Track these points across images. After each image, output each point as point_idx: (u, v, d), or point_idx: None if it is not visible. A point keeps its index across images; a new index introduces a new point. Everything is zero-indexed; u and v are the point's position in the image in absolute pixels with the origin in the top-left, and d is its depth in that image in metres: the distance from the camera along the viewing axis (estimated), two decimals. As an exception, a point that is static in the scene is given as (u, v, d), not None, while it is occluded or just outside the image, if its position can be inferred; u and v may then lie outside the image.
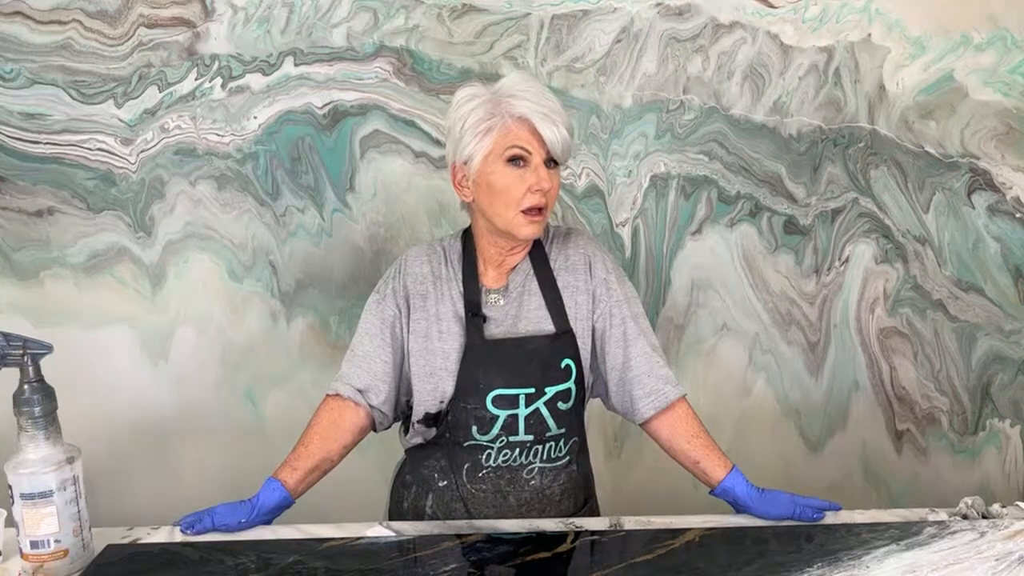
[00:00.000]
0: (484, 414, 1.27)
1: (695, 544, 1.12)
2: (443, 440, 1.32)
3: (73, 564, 1.06)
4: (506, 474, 1.30)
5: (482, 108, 1.24)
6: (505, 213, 1.25)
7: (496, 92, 1.25)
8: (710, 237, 1.92)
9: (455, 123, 1.27)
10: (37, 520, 1.03)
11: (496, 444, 1.29)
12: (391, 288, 1.36)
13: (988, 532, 1.13)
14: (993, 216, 1.92)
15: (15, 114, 1.75)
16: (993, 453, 2.01)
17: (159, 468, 1.91)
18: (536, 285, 1.33)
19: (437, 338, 1.30)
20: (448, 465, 1.32)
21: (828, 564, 1.05)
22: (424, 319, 1.32)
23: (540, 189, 1.23)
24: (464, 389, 1.28)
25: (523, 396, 1.27)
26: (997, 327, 1.96)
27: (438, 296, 1.32)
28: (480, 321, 1.29)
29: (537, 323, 1.31)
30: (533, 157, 1.23)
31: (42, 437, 1.04)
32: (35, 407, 1.04)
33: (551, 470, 1.32)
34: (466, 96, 1.26)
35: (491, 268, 1.34)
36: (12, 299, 1.81)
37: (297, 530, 1.19)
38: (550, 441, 1.30)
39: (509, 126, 1.23)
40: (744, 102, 1.87)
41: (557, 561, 1.09)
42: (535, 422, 1.28)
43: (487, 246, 1.33)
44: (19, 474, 1.03)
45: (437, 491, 1.33)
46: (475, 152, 1.24)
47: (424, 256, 1.36)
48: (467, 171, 1.27)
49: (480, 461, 1.30)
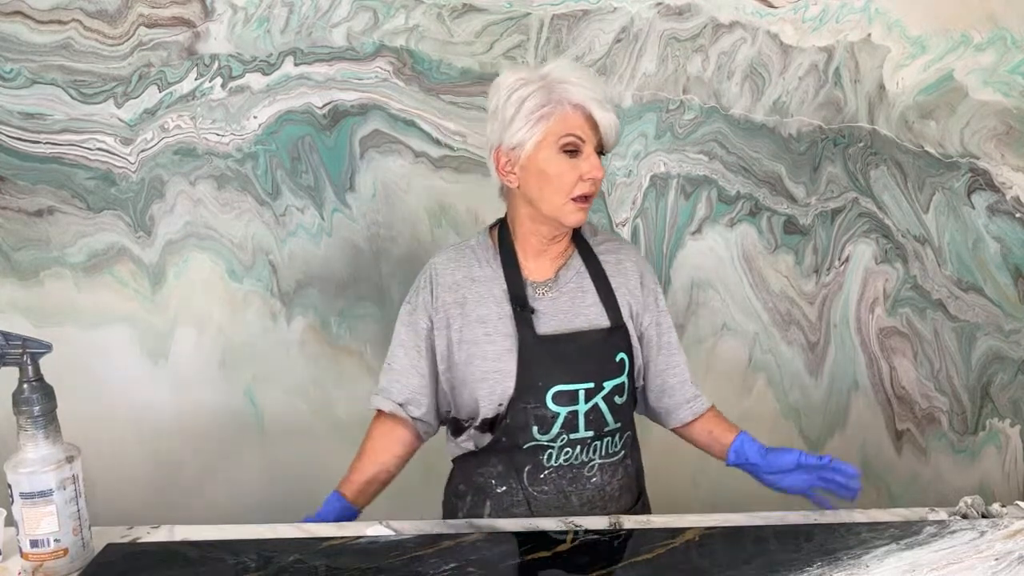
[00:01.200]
0: (544, 412, 1.26)
1: (695, 544, 1.12)
2: (499, 445, 1.29)
3: (73, 563, 1.06)
4: (568, 473, 1.29)
5: (538, 94, 1.21)
6: (555, 200, 1.24)
7: (547, 77, 1.23)
8: (710, 237, 1.92)
9: (505, 107, 1.23)
10: (37, 519, 1.03)
11: (557, 443, 1.28)
12: (422, 300, 1.33)
13: (988, 532, 1.13)
14: (993, 216, 1.92)
15: (15, 114, 1.75)
16: (993, 453, 2.01)
17: (159, 467, 1.91)
18: (589, 281, 1.32)
19: (486, 341, 1.28)
20: (506, 470, 1.30)
21: (828, 564, 1.05)
22: (467, 326, 1.29)
23: (592, 178, 1.22)
24: (523, 388, 1.26)
25: (583, 392, 1.26)
26: (997, 327, 1.96)
27: (478, 299, 1.30)
28: (529, 315, 1.27)
29: (593, 318, 1.30)
30: (586, 145, 1.23)
31: (41, 436, 1.04)
32: (34, 406, 1.04)
33: (609, 466, 1.32)
34: (517, 80, 1.23)
35: (532, 259, 1.32)
36: (12, 299, 1.81)
37: (297, 529, 1.19)
38: (607, 436, 1.30)
39: (567, 113, 1.21)
40: (744, 102, 1.87)
41: (557, 561, 1.09)
42: (594, 417, 1.28)
43: (528, 235, 1.31)
44: (19, 473, 1.03)
45: (495, 497, 1.31)
46: (527, 138, 1.22)
47: (453, 263, 1.33)
48: (514, 156, 1.24)
49: (541, 462, 1.28)
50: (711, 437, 1.39)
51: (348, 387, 1.90)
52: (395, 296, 1.88)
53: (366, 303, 1.88)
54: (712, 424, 1.40)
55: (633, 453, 1.39)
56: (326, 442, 1.92)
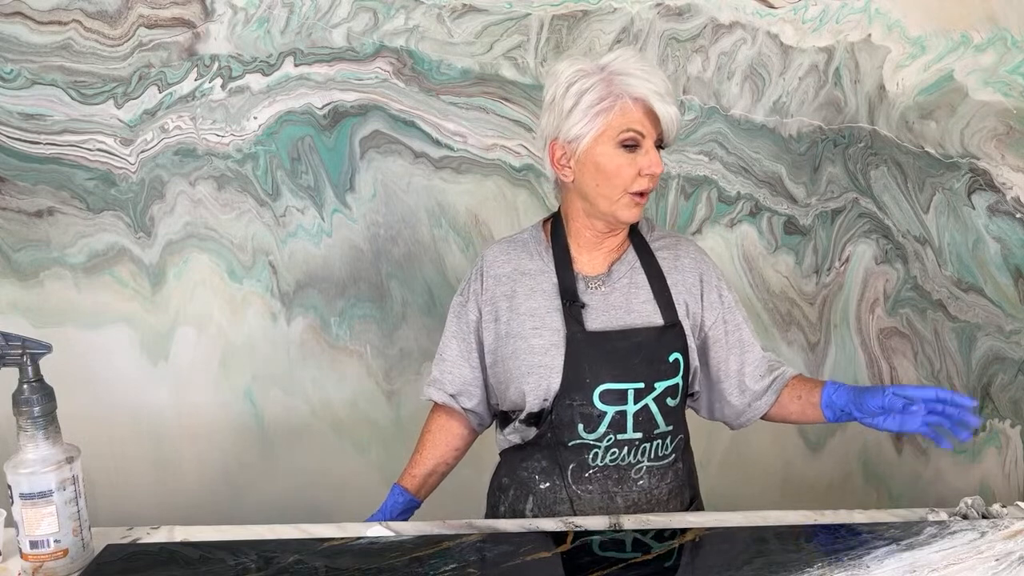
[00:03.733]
0: (591, 411, 1.22)
1: (695, 544, 1.12)
2: (544, 440, 1.27)
3: (73, 564, 1.06)
4: (614, 474, 1.25)
5: (599, 87, 1.18)
6: (612, 195, 1.21)
7: (607, 69, 1.19)
8: (710, 237, 1.92)
9: (564, 99, 1.20)
10: (37, 520, 1.03)
11: (604, 443, 1.24)
12: (472, 291, 1.32)
13: (988, 532, 1.13)
14: (993, 216, 1.92)
15: (15, 114, 1.75)
16: (993, 453, 2.01)
17: (159, 468, 1.91)
18: (643, 277, 1.28)
19: (533, 335, 1.25)
20: (550, 466, 1.27)
21: (828, 564, 1.05)
22: (515, 319, 1.27)
23: (651, 173, 1.19)
24: (570, 384, 1.22)
25: (632, 392, 1.22)
26: (997, 327, 1.96)
27: (528, 292, 1.27)
28: (579, 310, 1.24)
29: (646, 316, 1.25)
30: (646, 140, 1.19)
31: (41, 437, 1.04)
32: (34, 407, 1.04)
33: (659, 469, 1.28)
34: (576, 72, 1.20)
35: (585, 253, 1.29)
36: (12, 299, 1.81)
37: (297, 530, 1.19)
38: (657, 439, 1.26)
39: (628, 107, 1.18)
40: (744, 102, 1.87)
41: (557, 561, 1.09)
42: (644, 419, 1.24)
43: (582, 229, 1.28)
44: (18, 474, 1.03)
45: (539, 493, 1.28)
46: (585, 132, 1.19)
47: (504, 255, 1.31)
48: (571, 149, 1.21)
49: (586, 461, 1.25)
50: (802, 403, 1.29)
51: (348, 387, 1.90)
52: (395, 296, 1.88)
53: (366, 303, 1.88)
54: (799, 388, 1.30)
55: (685, 456, 1.34)
56: (326, 442, 1.92)
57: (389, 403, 1.91)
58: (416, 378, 1.91)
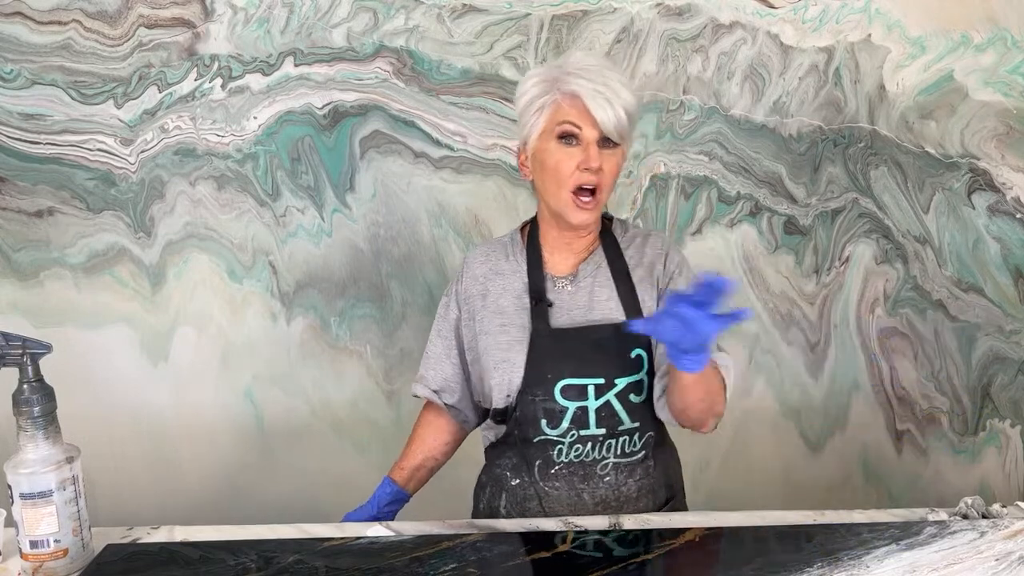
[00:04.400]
0: (553, 406, 1.25)
1: (695, 544, 1.12)
2: (513, 437, 1.30)
3: (73, 564, 1.06)
4: (579, 470, 1.27)
5: (539, 86, 1.23)
6: (557, 193, 1.23)
7: (558, 69, 1.24)
8: (710, 237, 1.92)
9: (517, 103, 1.27)
10: (36, 520, 1.03)
11: (567, 439, 1.26)
12: (455, 290, 1.37)
13: (988, 532, 1.13)
14: (993, 216, 1.92)
15: (15, 114, 1.75)
16: (993, 453, 2.01)
17: (159, 468, 1.91)
18: (608, 276, 1.30)
19: (500, 332, 1.29)
20: (519, 463, 1.30)
21: (828, 564, 1.05)
22: (487, 316, 1.31)
23: (589, 167, 1.20)
24: (531, 379, 1.25)
25: (592, 387, 1.25)
26: (997, 327, 1.96)
27: (499, 292, 1.32)
28: (545, 308, 1.27)
29: (607, 313, 1.28)
30: (584, 134, 1.21)
31: (41, 437, 1.04)
32: (34, 407, 1.04)
33: (626, 465, 1.28)
34: (530, 76, 1.26)
35: (557, 253, 1.32)
36: (12, 299, 1.81)
37: (297, 529, 1.19)
38: (623, 435, 1.27)
39: (560, 102, 1.21)
40: (744, 102, 1.87)
41: (557, 561, 1.09)
42: (607, 415, 1.25)
43: (549, 229, 1.32)
44: (18, 474, 1.03)
45: (510, 490, 1.31)
46: (532, 130, 1.24)
47: (483, 256, 1.36)
48: (527, 150, 1.27)
49: (551, 457, 1.27)
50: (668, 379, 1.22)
51: (348, 387, 1.90)
52: (395, 296, 1.88)
53: (366, 303, 1.88)
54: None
55: (658, 454, 1.33)
56: (326, 442, 1.92)
57: (389, 403, 1.91)
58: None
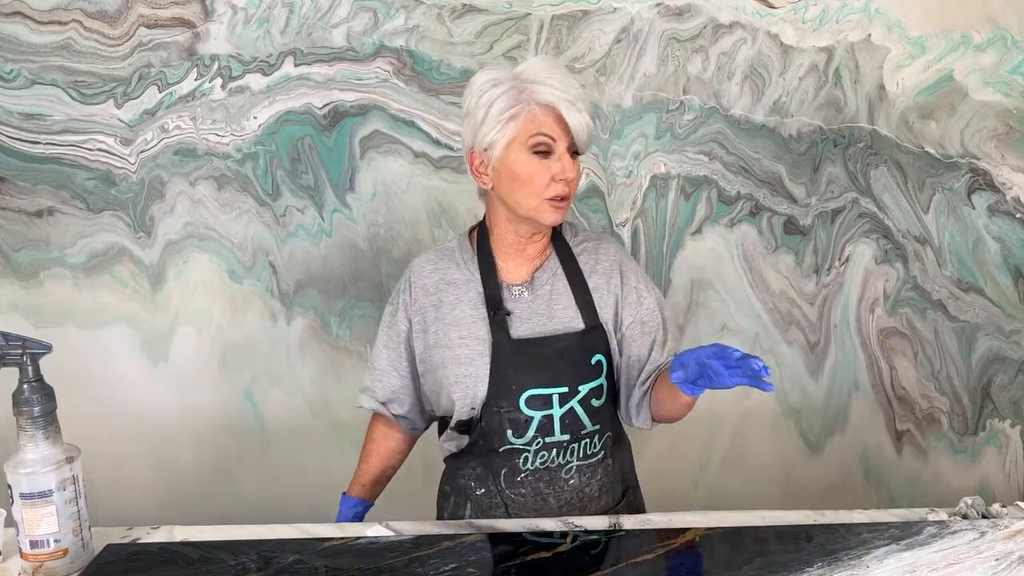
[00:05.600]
0: (518, 416, 1.25)
1: (695, 544, 1.12)
2: (477, 447, 1.29)
3: (73, 564, 1.06)
4: (544, 476, 1.28)
5: (507, 95, 1.20)
6: (528, 202, 1.22)
7: (519, 77, 1.21)
8: (710, 237, 1.92)
9: (476, 108, 1.22)
10: (36, 520, 1.03)
11: (533, 447, 1.26)
12: (401, 301, 1.34)
13: (988, 532, 1.13)
14: (993, 216, 1.92)
15: (15, 114, 1.75)
16: (993, 453, 2.01)
17: (159, 468, 1.91)
18: (565, 283, 1.30)
19: (460, 344, 1.27)
20: (484, 472, 1.30)
21: (828, 564, 1.05)
22: (442, 329, 1.29)
23: (564, 179, 1.20)
24: (496, 392, 1.25)
25: (556, 396, 1.25)
26: (997, 327, 1.96)
27: (453, 302, 1.29)
28: (503, 317, 1.26)
29: (567, 321, 1.27)
30: (557, 145, 1.20)
31: (41, 437, 1.04)
32: (34, 407, 1.04)
33: (588, 467, 1.30)
34: (488, 81, 1.22)
35: (509, 260, 1.31)
36: (12, 299, 1.81)
37: (297, 529, 1.19)
38: (585, 439, 1.28)
39: (535, 113, 1.19)
40: (744, 102, 1.87)
41: (557, 561, 1.09)
42: (570, 421, 1.26)
43: (504, 234, 1.29)
44: (18, 474, 1.03)
45: (475, 499, 1.31)
46: (497, 139, 1.21)
47: (431, 265, 1.33)
48: (487, 158, 1.23)
49: (517, 465, 1.27)
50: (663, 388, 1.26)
51: (348, 387, 1.90)
52: (395, 296, 1.88)
53: (366, 303, 1.88)
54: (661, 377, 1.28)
55: (615, 452, 1.36)
56: (326, 442, 1.92)
57: (389, 403, 1.91)
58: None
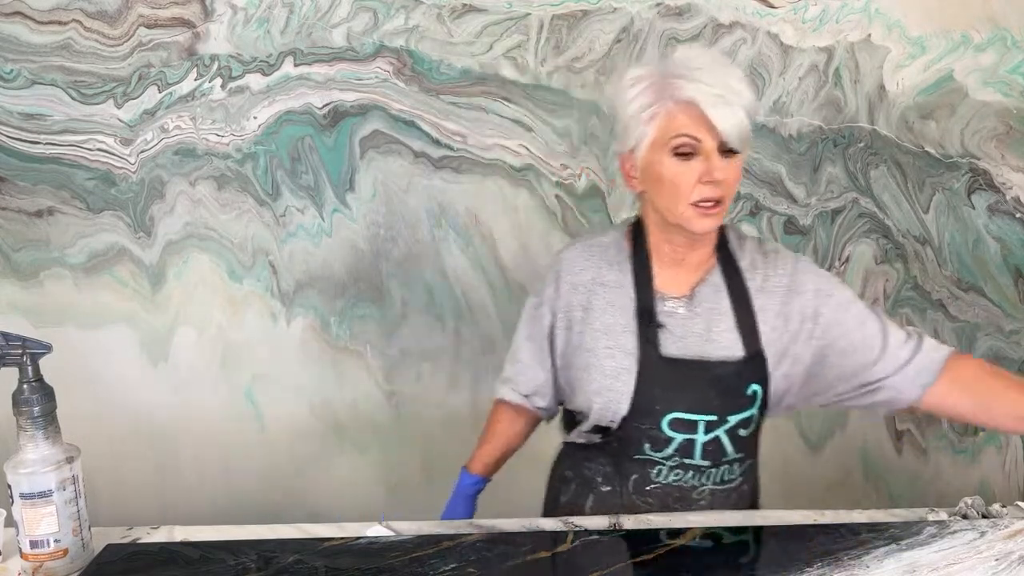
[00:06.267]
0: (659, 435, 1.19)
1: (695, 544, 1.12)
2: (610, 448, 1.24)
3: (73, 564, 1.06)
4: (675, 492, 1.22)
5: (645, 93, 1.13)
6: (674, 207, 1.13)
7: (664, 72, 1.13)
8: (710, 237, 1.91)
9: (620, 109, 1.16)
10: (36, 520, 1.03)
11: (669, 463, 1.20)
12: (547, 295, 1.27)
13: (988, 532, 1.13)
14: (993, 216, 1.92)
15: (15, 114, 1.75)
16: (993, 453, 2.01)
17: (159, 468, 1.91)
18: (728, 303, 1.20)
19: (606, 355, 1.20)
20: (613, 472, 1.24)
21: (828, 564, 1.05)
22: (588, 332, 1.22)
23: (712, 180, 1.10)
24: (638, 410, 1.18)
25: (703, 423, 1.18)
26: (997, 327, 1.96)
27: (604, 306, 1.22)
28: (655, 331, 1.18)
29: (726, 346, 1.18)
30: (703, 145, 1.10)
31: (41, 437, 1.04)
32: (34, 407, 1.04)
33: (722, 492, 1.23)
34: (631, 79, 1.15)
35: (666, 268, 1.22)
36: (12, 299, 1.81)
37: (297, 529, 1.19)
38: (725, 464, 1.22)
39: (673, 112, 1.10)
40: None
41: (557, 561, 1.09)
42: (713, 449, 1.19)
43: (661, 243, 1.21)
44: (18, 474, 1.03)
45: (599, 495, 1.26)
46: (640, 140, 1.14)
47: (583, 260, 1.25)
48: (633, 160, 1.17)
49: (649, 476, 1.21)
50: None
51: (348, 387, 1.90)
52: (395, 296, 1.88)
53: (366, 303, 1.88)
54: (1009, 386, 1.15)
55: (751, 478, 1.29)
56: (326, 442, 1.92)
57: (389, 403, 1.91)
58: (416, 378, 1.91)
